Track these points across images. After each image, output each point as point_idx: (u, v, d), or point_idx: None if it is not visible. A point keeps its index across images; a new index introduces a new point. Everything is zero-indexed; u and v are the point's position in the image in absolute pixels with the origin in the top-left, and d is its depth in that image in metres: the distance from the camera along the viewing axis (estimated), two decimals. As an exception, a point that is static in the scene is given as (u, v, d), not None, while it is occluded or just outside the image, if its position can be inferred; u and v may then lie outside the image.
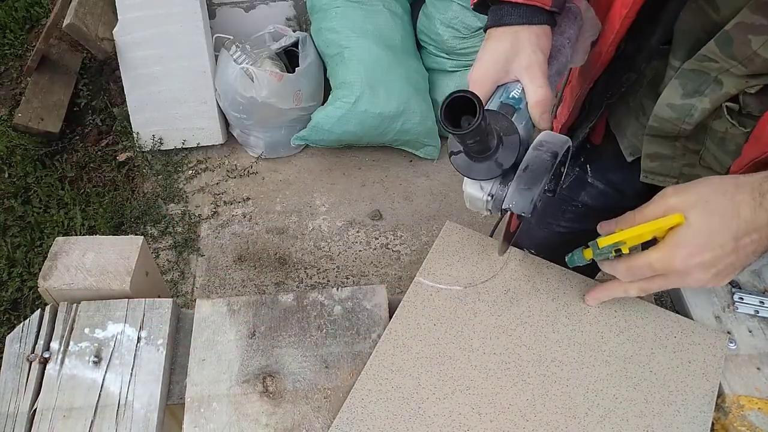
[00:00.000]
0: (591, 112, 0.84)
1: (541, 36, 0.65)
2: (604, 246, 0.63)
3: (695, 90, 0.68)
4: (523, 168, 0.60)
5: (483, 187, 0.62)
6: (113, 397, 0.66)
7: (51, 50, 2.54)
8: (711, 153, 0.74)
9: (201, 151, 2.42)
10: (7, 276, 2.05)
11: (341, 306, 0.74)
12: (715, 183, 0.58)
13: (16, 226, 2.19)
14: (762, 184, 0.55)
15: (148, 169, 2.36)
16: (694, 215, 0.57)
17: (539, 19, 0.64)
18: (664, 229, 0.58)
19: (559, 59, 0.69)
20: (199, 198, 2.29)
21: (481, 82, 0.65)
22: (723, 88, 0.66)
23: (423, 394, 0.66)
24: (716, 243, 0.56)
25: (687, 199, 0.58)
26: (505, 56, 0.64)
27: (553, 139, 0.61)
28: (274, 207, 2.26)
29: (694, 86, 0.68)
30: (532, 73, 0.63)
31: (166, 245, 2.14)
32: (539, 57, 0.64)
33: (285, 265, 2.10)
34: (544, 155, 0.60)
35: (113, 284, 0.72)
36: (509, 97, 0.64)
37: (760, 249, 0.57)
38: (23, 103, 2.37)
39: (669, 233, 0.58)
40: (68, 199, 2.26)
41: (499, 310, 0.72)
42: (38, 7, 3.02)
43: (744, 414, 0.65)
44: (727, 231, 0.56)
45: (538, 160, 0.59)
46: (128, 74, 2.25)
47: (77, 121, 2.54)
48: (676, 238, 0.57)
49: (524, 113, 0.64)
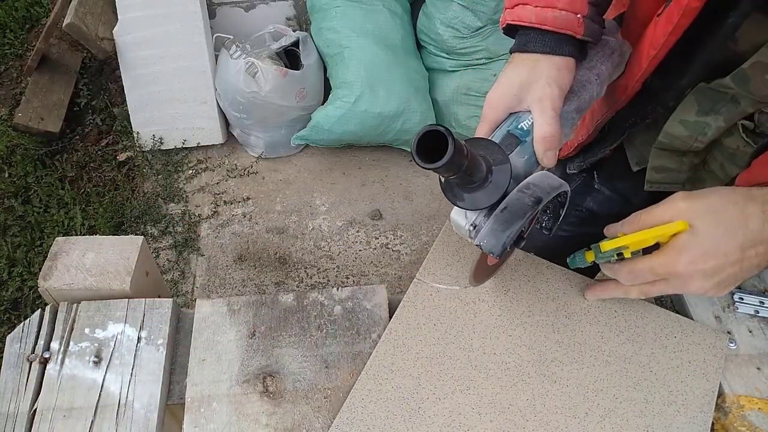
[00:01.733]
0: (610, 135, 0.82)
1: (561, 69, 0.62)
2: (607, 250, 0.62)
3: (711, 108, 0.67)
4: (501, 208, 0.58)
5: (468, 216, 0.61)
6: (113, 397, 0.66)
7: (51, 50, 2.54)
8: (718, 162, 0.74)
9: (201, 151, 2.42)
10: (8, 276, 2.05)
11: (341, 306, 0.74)
12: (727, 193, 0.57)
13: (16, 226, 2.19)
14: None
15: (148, 169, 2.36)
16: (701, 223, 0.56)
17: (565, 50, 0.62)
18: (667, 235, 0.58)
19: (581, 95, 0.65)
20: (199, 198, 2.29)
21: (494, 107, 0.63)
22: (739, 106, 0.65)
23: (423, 394, 0.66)
24: (721, 251, 0.56)
25: (696, 207, 0.57)
26: (520, 84, 0.61)
27: (542, 183, 0.59)
28: (274, 207, 2.26)
29: (710, 104, 0.67)
30: (543, 106, 0.60)
31: (166, 245, 2.14)
32: (554, 91, 0.60)
33: (285, 265, 2.10)
34: (527, 199, 0.58)
35: (113, 284, 0.72)
36: (517, 127, 0.62)
37: (765, 263, 0.57)
38: (23, 103, 2.37)
39: (673, 239, 0.58)
40: (68, 198, 2.26)
41: (499, 310, 0.72)
42: (38, 6, 3.02)
43: (744, 414, 0.65)
44: (734, 240, 0.56)
45: (518, 203, 0.57)
46: (128, 74, 2.25)
47: (77, 120, 2.54)
48: (680, 244, 0.57)
49: (529, 147, 0.61)
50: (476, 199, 0.59)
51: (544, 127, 0.59)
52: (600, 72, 0.66)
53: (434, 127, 0.49)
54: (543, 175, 0.60)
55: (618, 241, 0.61)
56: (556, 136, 0.60)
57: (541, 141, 0.60)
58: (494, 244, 0.57)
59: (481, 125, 0.64)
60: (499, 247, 0.57)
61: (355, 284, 1.85)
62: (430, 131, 0.49)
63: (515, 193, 0.58)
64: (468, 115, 2.32)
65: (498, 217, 0.57)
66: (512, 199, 0.58)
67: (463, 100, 2.30)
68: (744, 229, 0.55)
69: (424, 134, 0.49)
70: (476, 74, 2.28)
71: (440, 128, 0.49)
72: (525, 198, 0.57)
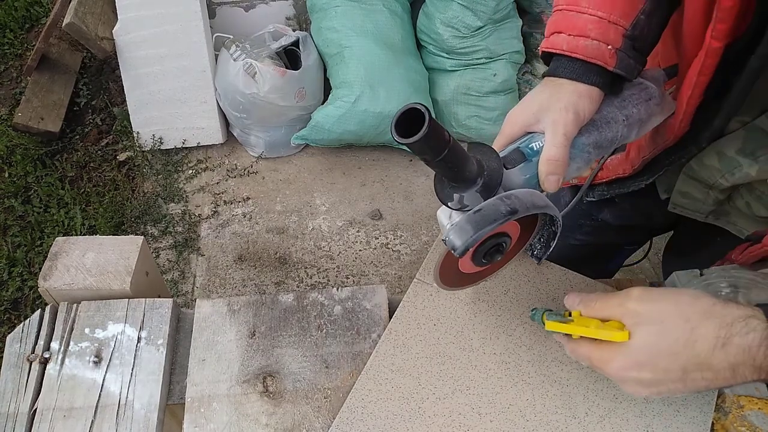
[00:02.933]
0: (646, 172, 0.80)
1: (583, 96, 0.61)
2: (551, 330, 0.61)
3: (752, 151, 0.66)
4: (475, 210, 0.57)
5: (451, 216, 0.60)
6: (113, 397, 0.66)
7: (51, 50, 2.54)
8: (744, 200, 0.73)
9: (201, 151, 2.42)
10: (8, 276, 2.05)
11: (341, 306, 0.74)
12: (685, 304, 0.53)
13: (16, 226, 2.19)
14: (734, 324, 0.50)
15: (148, 169, 2.36)
16: (642, 334, 0.53)
17: (591, 79, 0.61)
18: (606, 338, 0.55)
19: (603, 131, 0.63)
20: (199, 198, 2.29)
21: (512, 123, 0.63)
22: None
23: (423, 394, 0.66)
24: (660, 367, 0.52)
25: (645, 313, 0.54)
26: (539, 105, 0.61)
27: (525, 197, 0.57)
28: (274, 206, 2.26)
29: (753, 147, 0.66)
30: (555, 129, 0.59)
31: (166, 245, 2.14)
32: (569, 116, 0.59)
33: (285, 265, 2.10)
34: (503, 207, 0.56)
35: (113, 284, 0.72)
36: (528, 146, 0.61)
37: (715, 386, 0.53)
38: (23, 103, 2.37)
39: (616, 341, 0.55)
40: (68, 198, 2.26)
41: (499, 310, 0.72)
42: (38, 6, 3.02)
43: (744, 414, 0.65)
44: (675, 360, 0.52)
45: (492, 209, 0.56)
46: (128, 74, 2.25)
47: (77, 120, 2.54)
48: (616, 347, 0.54)
49: (533, 167, 0.60)
50: (463, 200, 0.59)
51: (551, 150, 0.58)
52: (630, 114, 0.64)
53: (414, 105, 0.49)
54: (530, 192, 0.58)
55: (561, 328, 0.60)
56: (562, 161, 0.58)
57: (545, 162, 0.59)
58: (458, 242, 0.56)
59: (498, 138, 0.64)
60: (461, 246, 0.56)
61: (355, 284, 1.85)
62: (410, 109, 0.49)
63: (494, 199, 0.57)
64: (468, 115, 2.32)
65: (469, 218, 0.57)
66: (489, 204, 0.57)
67: (463, 100, 2.30)
68: (689, 352, 0.51)
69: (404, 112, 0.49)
70: (476, 74, 2.28)
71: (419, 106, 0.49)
72: (501, 206, 0.56)
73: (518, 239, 0.65)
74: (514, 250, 0.67)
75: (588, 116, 0.61)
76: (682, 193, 0.78)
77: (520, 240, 0.65)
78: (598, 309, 0.58)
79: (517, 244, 0.66)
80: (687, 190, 0.77)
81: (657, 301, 0.54)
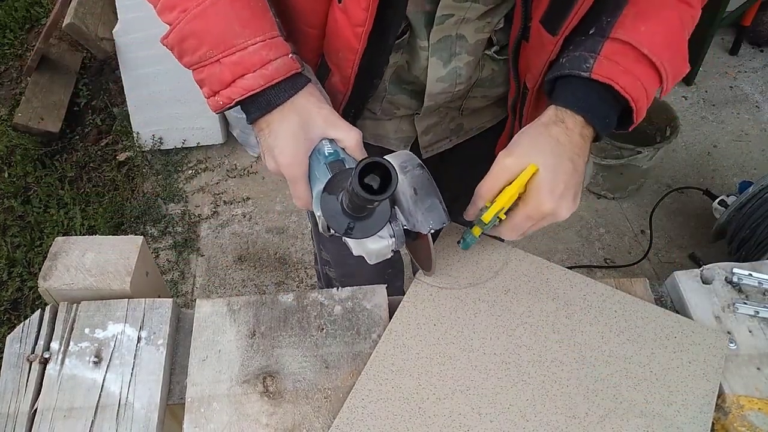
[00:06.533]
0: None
1: (314, 92, 0.66)
2: (490, 219, 0.66)
3: (450, 55, 0.76)
4: (411, 193, 0.62)
5: (382, 235, 0.63)
6: (113, 397, 0.66)
7: (51, 50, 2.54)
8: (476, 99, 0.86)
9: (201, 151, 2.42)
10: (7, 276, 2.05)
11: (341, 306, 0.74)
12: (530, 131, 0.66)
13: (16, 226, 2.19)
14: (556, 116, 0.66)
15: (148, 169, 2.36)
16: (536, 160, 0.64)
17: (300, 82, 0.65)
18: (524, 181, 0.65)
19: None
20: (199, 198, 2.29)
21: (296, 163, 0.64)
22: (467, 39, 0.75)
23: (423, 395, 0.66)
24: (560, 171, 0.64)
25: (521, 153, 0.65)
26: (300, 126, 0.64)
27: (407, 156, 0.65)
28: (274, 207, 2.26)
29: (448, 53, 0.76)
30: (333, 123, 0.65)
31: (166, 245, 2.14)
32: (328, 108, 0.66)
33: (285, 265, 2.10)
34: (416, 170, 0.64)
35: (113, 284, 0.72)
36: (326, 155, 0.65)
37: (585, 158, 0.67)
38: (23, 103, 2.37)
39: (528, 187, 0.65)
40: (68, 198, 2.26)
41: (499, 310, 0.72)
42: (38, 6, 3.02)
43: (744, 414, 0.65)
44: (562, 158, 0.64)
45: (419, 179, 0.63)
46: (128, 74, 2.25)
47: (77, 121, 2.54)
48: (536, 185, 0.64)
49: (350, 159, 0.65)
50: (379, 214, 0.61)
51: (351, 135, 0.65)
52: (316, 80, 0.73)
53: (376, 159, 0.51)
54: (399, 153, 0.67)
55: (495, 207, 0.65)
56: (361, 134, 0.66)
57: (357, 147, 0.65)
58: (438, 216, 0.62)
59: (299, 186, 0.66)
60: (443, 215, 0.63)
61: (355, 284, 1.85)
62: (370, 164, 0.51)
63: (402, 176, 0.63)
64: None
65: (419, 199, 0.62)
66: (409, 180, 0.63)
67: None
68: (561, 147, 0.65)
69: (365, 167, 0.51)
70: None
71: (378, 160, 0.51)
72: (414, 170, 0.64)
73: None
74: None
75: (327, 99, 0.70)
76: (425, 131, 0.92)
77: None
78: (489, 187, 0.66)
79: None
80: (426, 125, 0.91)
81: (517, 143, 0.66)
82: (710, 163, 2.38)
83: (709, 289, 0.75)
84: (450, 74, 0.78)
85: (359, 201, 0.54)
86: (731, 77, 2.71)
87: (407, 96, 0.84)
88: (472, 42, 0.76)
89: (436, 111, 0.89)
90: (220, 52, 0.62)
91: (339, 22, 0.67)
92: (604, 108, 0.67)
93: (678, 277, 0.76)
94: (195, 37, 0.63)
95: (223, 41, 0.62)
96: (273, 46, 0.63)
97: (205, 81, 0.64)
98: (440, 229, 0.65)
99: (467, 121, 0.95)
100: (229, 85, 0.63)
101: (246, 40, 0.62)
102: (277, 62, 0.63)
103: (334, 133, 0.65)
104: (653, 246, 2.13)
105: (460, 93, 0.83)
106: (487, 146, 0.95)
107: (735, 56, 2.78)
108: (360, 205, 0.56)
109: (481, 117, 0.95)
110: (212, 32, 0.62)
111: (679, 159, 2.39)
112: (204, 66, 0.63)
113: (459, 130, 0.95)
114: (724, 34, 2.82)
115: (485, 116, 0.95)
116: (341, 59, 0.72)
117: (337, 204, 0.60)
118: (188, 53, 0.64)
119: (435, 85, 0.79)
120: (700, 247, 2.11)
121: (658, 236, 2.16)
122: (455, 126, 0.94)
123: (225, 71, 0.62)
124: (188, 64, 0.65)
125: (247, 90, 0.62)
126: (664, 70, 0.65)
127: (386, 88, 0.82)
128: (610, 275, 2.05)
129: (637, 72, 0.65)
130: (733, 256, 1.90)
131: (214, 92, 0.64)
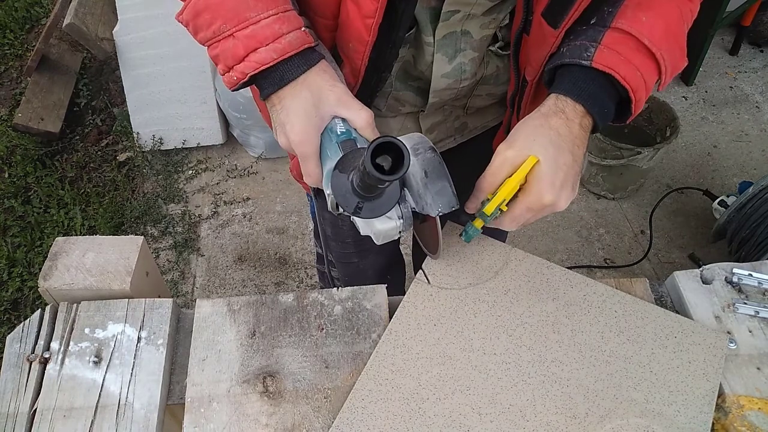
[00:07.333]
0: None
1: (327, 69, 0.66)
2: (492, 211, 0.66)
3: (455, 51, 0.76)
4: (422, 175, 0.62)
5: (391, 216, 0.63)
6: (113, 397, 0.66)
7: (51, 50, 2.54)
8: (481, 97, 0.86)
9: (201, 151, 2.42)
10: (8, 276, 2.05)
11: (341, 306, 0.74)
12: (530, 122, 0.66)
13: (16, 226, 2.19)
14: (556, 105, 0.66)
15: (148, 169, 2.36)
16: (536, 152, 0.64)
17: (313, 58, 0.65)
18: (525, 173, 0.65)
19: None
20: (199, 198, 2.29)
21: (307, 140, 0.64)
22: (472, 35, 0.75)
23: (423, 395, 0.66)
24: (561, 163, 0.64)
25: (521, 145, 0.64)
26: (312, 104, 0.64)
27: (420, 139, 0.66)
28: (274, 207, 2.26)
29: (453, 49, 0.76)
30: (345, 102, 0.65)
31: (166, 245, 2.14)
32: (341, 86, 0.65)
33: (285, 265, 2.10)
34: (428, 153, 0.64)
35: (113, 284, 0.72)
36: (339, 134, 0.64)
37: (584, 149, 0.67)
38: (23, 103, 2.37)
39: (528, 178, 0.65)
40: (68, 199, 2.26)
41: (499, 310, 0.72)
42: (38, 7, 3.02)
43: (744, 414, 0.65)
44: (562, 149, 0.64)
45: (430, 162, 0.63)
46: (128, 74, 2.25)
47: (77, 121, 2.54)
48: (536, 177, 0.64)
49: (362, 139, 0.65)
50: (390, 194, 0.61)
51: (361, 115, 0.65)
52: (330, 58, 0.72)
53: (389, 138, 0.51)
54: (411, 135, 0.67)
55: (497, 199, 0.65)
56: (372, 114, 0.66)
57: (368, 127, 0.65)
58: (448, 200, 0.62)
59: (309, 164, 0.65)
60: (454, 199, 0.63)
61: (355, 284, 1.85)
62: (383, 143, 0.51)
63: (415, 158, 0.63)
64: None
65: (430, 181, 0.62)
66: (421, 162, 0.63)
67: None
68: (561, 138, 0.64)
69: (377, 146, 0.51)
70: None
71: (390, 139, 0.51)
72: (426, 153, 0.63)
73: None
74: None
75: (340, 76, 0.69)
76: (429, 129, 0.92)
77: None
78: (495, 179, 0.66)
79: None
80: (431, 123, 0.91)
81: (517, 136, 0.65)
82: (710, 163, 2.38)
83: (709, 289, 0.75)
84: (455, 70, 0.79)
85: (370, 180, 0.54)
86: (731, 77, 2.71)
87: (413, 93, 0.84)
88: (477, 38, 0.76)
89: (441, 109, 0.89)
90: (233, 26, 0.62)
91: (350, 13, 0.67)
92: (603, 97, 0.67)
93: (678, 277, 0.76)
94: (209, 12, 0.63)
95: (236, 15, 0.62)
96: (286, 19, 0.63)
97: (220, 56, 0.65)
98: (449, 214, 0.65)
99: (471, 120, 0.95)
100: (242, 60, 0.63)
101: (259, 13, 0.62)
102: (290, 36, 0.62)
103: (345, 112, 0.65)
104: (653, 246, 2.13)
105: (464, 90, 0.83)
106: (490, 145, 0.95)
107: (735, 56, 2.78)
108: (370, 185, 0.56)
109: (485, 116, 0.95)
110: (225, 6, 0.62)
111: (679, 159, 2.39)
112: (218, 41, 0.64)
113: (463, 129, 0.96)
114: (724, 34, 2.82)
115: (489, 115, 0.95)
116: (352, 50, 0.72)
117: (348, 183, 0.60)
118: (203, 28, 0.64)
119: (440, 80, 0.80)
120: (700, 248, 2.11)
121: (658, 236, 2.16)
122: (459, 125, 0.94)
123: (238, 45, 0.63)
124: (203, 39, 0.66)
125: (260, 64, 0.62)
126: (663, 61, 0.65)
127: (392, 84, 0.82)
128: (610, 275, 2.05)
129: (636, 62, 0.65)
130: (733, 257, 1.90)
131: (229, 67, 0.64)
